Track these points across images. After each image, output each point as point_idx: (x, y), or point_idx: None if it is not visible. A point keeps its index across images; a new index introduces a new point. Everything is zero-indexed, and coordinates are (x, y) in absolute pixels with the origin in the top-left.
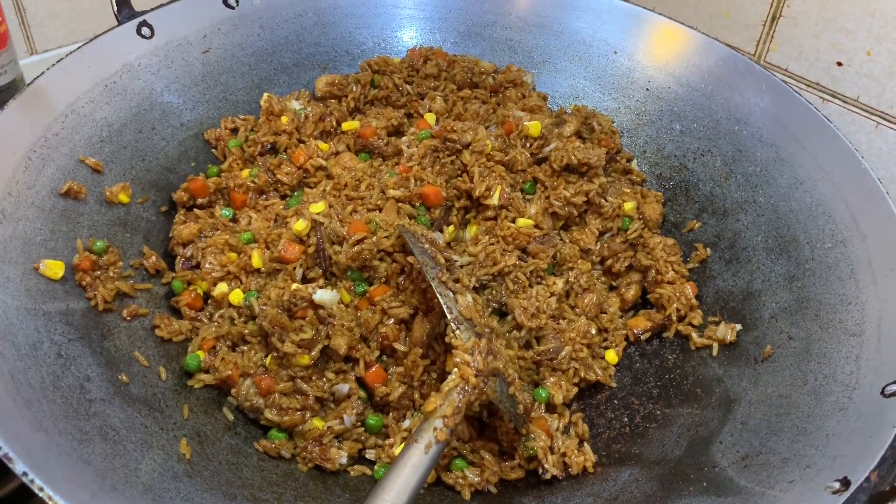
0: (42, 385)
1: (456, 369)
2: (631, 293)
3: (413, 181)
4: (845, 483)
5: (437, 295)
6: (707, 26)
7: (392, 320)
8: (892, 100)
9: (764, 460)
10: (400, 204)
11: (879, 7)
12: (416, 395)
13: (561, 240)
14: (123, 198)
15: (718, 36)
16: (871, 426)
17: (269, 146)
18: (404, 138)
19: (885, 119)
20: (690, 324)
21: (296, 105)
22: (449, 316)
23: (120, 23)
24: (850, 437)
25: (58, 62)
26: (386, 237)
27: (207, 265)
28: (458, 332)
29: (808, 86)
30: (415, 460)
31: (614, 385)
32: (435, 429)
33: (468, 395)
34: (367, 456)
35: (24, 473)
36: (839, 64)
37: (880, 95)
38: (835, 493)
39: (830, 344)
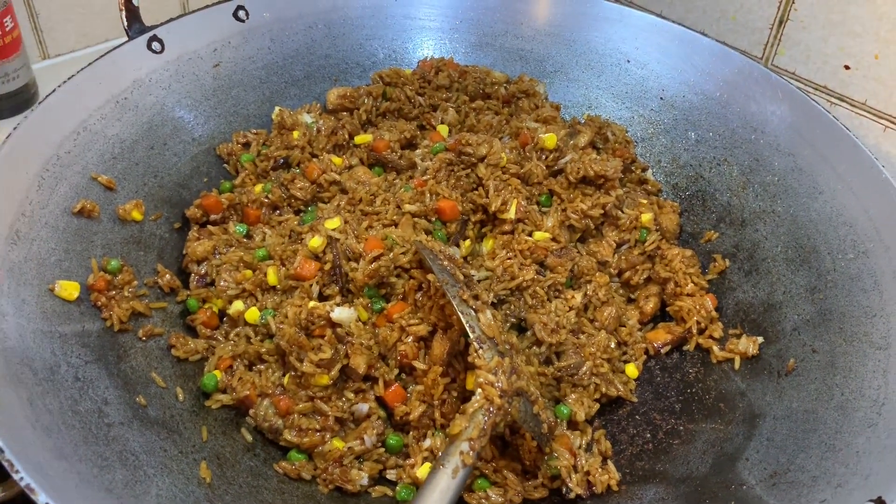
0: (61, 410)
1: (480, 390)
2: (650, 306)
3: (429, 195)
4: (880, 503)
5: (459, 314)
6: (714, 30)
7: (411, 338)
8: None
9: (793, 478)
10: (416, 219)
11: (887, 10)
12: (437, 414)
13: (578, 252)
14: (136, 215)
15: (726, 40)
16: None
17: (282, 161)
18: (418, 151)
19: (893, 123)
20: (711, 336)
21: (307, 118)
22: (472, 335)
23: (130, 38)
24: (882, 454)
25: (69, 79)
26: (403, 253)
27: (222, 282)
28: (481, 351)
29: (816, 89)
30: (443, 486)
31: (635, 400)
32: (461, 452)
33: (493, 416)
34: (388, 476)
35: None
36: (847, 67)
37: (888, 99)
38: None
39: (856, 357)
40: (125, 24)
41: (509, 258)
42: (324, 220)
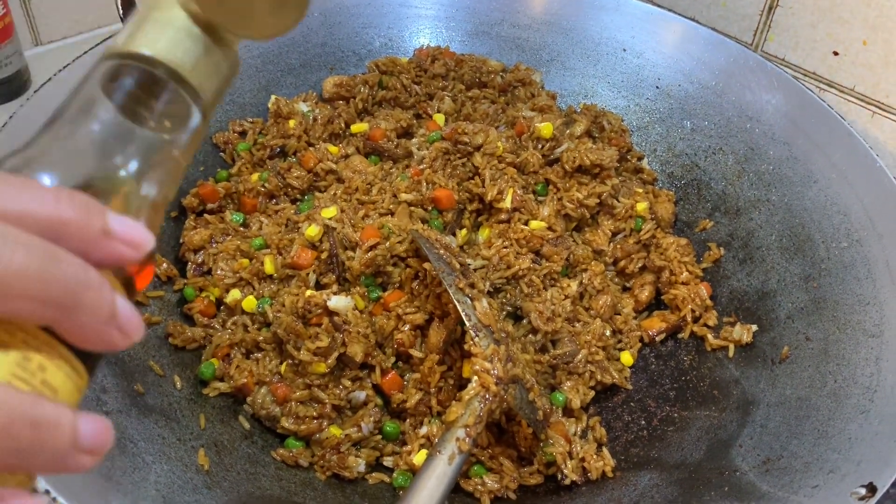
0: None
1: (476, 377)
2: (645, 294)
3: (425, 185)
4: (871, 489)
5: (455, 302)
6: (705, 16)
7: (407, 326)
8: (888, 89)
9: (786, 464)
10: (412, 208)
11: None
12: (433, 402)
13: (574, 241)
14: None
15: (716, 26)
16: (894, 430)
17: (278, 149)
18: (414, 140)
19: (880, 108)
20: (705, 325)
21: (303, 107)
22: (468, 323)
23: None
24: (873, 441)
25: (63, 68)
26: (399, 242)
27: (219, 271)
28: (477, 339)
29: (805, 75)
30: (439, 472)
31: (630, 387)
32: (457, 439)
33: (489, 403)
34: (385, 463)
35: (47, 491)
36: (835, 53)
37: (876, 85)
38: (861, 499)
39: (849, 345)
40: (120, 12)
41: (505, 247)
42: (320, 209)
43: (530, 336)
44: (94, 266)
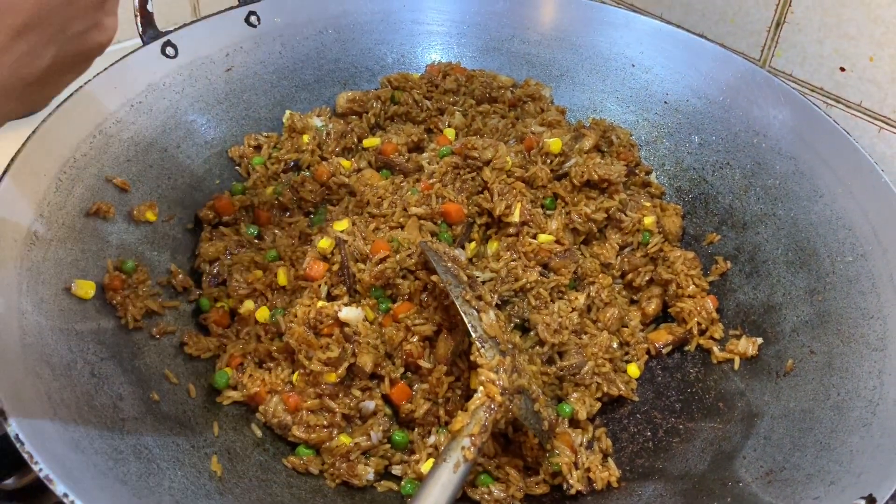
0: (77, 405)
1: (481, 388)
2: (652, 307)
3: (435, 198)
4: (871, 501)
5: (462, 314)
6: (713, 32)
7: (416, 337)
8: (895, 105)
9: (788, 476)
10: (422, 221)
11: (881, 14)
12: (441, 412)
13: (581, 254)
14: (150, 216)
15: (724, 42)
16: (895, 442)
17: (293, 163)
18: (425, 154)
19: (887, 124)
20: (712, 337)
21: (317, 122)
22: (473, 335)
23: (145, 43)
24: (874, 453)
25: (84, 83)
26: (409, 255)
27: (234, 282)
28: (482, 350)
29: (812, 90)
30: (444, 480)
31: (637, 399)
32: (463, 448)
33: (494, 413)
34: (394, 471)
35: (65, 495)
36: (842, 69)
37: (883, 100)
38: None
39: (853, 358)
40: (140, 29)
41: (513, 260)
42: (332, 222)
43: (537, 348)
44: None
